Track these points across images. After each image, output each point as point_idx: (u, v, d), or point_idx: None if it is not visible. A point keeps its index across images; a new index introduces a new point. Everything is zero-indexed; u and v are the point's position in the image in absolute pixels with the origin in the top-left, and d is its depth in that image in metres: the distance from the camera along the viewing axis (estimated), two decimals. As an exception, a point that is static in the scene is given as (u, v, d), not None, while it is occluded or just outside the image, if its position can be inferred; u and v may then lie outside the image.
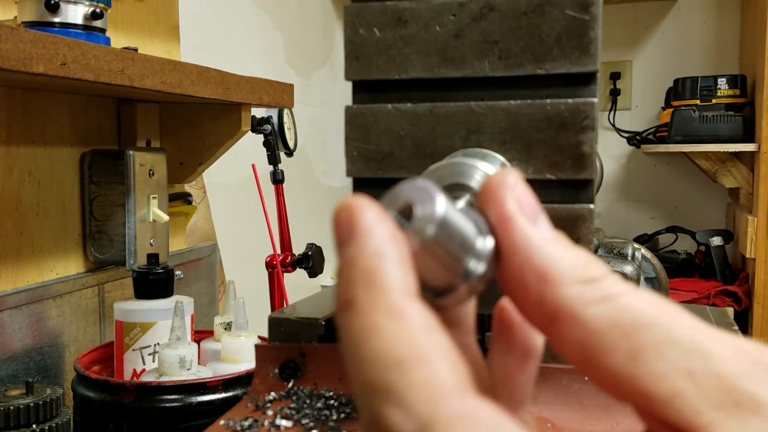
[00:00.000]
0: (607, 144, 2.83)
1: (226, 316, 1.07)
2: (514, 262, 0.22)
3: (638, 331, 0.20)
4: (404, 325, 0.19)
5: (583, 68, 0.64)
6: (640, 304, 0.21)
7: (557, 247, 0.22)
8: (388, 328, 0.19)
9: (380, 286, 0.20)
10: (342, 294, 0.20)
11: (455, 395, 0.18)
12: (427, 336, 0.19)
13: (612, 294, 0.21)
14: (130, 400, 0.86)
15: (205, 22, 1.71)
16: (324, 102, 2.36)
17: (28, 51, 0.75)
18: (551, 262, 0.22)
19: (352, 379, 0.20)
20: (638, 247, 1.14)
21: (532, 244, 0.22)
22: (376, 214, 0.21)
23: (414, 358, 0.19)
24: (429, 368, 0.18)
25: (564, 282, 0.21)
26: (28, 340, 0.99)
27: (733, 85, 2.42)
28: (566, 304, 0.21)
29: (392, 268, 0.20)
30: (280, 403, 0.72)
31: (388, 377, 0.18)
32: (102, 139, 1.18)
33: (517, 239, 0.22)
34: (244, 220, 1.71)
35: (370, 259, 0.20)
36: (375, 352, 0.19)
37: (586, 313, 0.21)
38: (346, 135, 0.71)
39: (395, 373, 0.18)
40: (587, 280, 0.21)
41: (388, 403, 0.18)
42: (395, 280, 0.20)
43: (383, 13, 0.69)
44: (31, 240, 1.04)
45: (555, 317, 0.21)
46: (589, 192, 0.65)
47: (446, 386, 0.18)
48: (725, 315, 0.77)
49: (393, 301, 0.20)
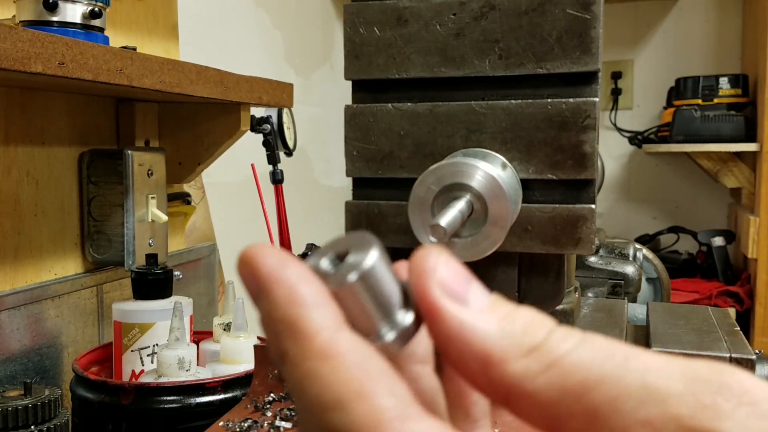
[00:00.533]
0: (609, 144, 2.82)
1: (226, 316, 1.07)
2: (453, 350, 0.22)
3: (589, 391, 0.20)
4: (337, 365, 0.19)
5: (585, 67, 0.64)
6: (586, 360, 0.20)
7: (492, 320, 0.22)
8: (321, 372, 0.19)
9: (304, 333, 0.20)
10: (273, 349, 0.20)
11: (398, 421, 0.18)
12: (362, 370, 0.19)
13: (556, 358, 0.21)
14: (128, 401, 0.85)
15: (204, 21, 1.71)
16: (324, 101, 2.35)
17: (26, 50, 0.75)
18: (489, 341, 0.21)
19: (303, 428, 0.20)
20: (640, 248, 1.13)
21: (465, 327, 0.22)
22: (278, 259, 0.21)
23: (351, 395, 0.19)
24: (368, 401, 0.19)
25: (507, 359, 0.21)
26: (27, 341, 0.99)
27: (734, 84, 2.42)
28: (515, 382, 0.21)
29: (311, 311, 0.20)
30: (280, 405, 0.71)
31: (331, 420, 0.19)
32: (100, 138, 1.18)
33: (450, 327, 0.22)
34: (244, 221, 1.71)
35: (286, 309, 0.20)
36: (315, 398, 0.19)
37: (535, 387, 0.20)
38: (345, 135, 0.70)
39: (337, 414, 0.19)
40: (529, 350, 0.21)
41: None
42: (317, 322, 0.20)
43: (383, 12, 0.68)
44: (30, 240, 1.04)
45: (508, 395, 0.21)
46: (590, 192, 0.65)
47: (388, 415, 0.19)
48: (727, 315, 0.77)
49: (320, 344, 0.20)
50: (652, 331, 0.71)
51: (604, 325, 0.74)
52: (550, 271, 0.65)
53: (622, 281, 1.00)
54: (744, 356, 0.63)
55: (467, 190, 0.60)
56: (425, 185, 0.61)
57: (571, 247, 0.63)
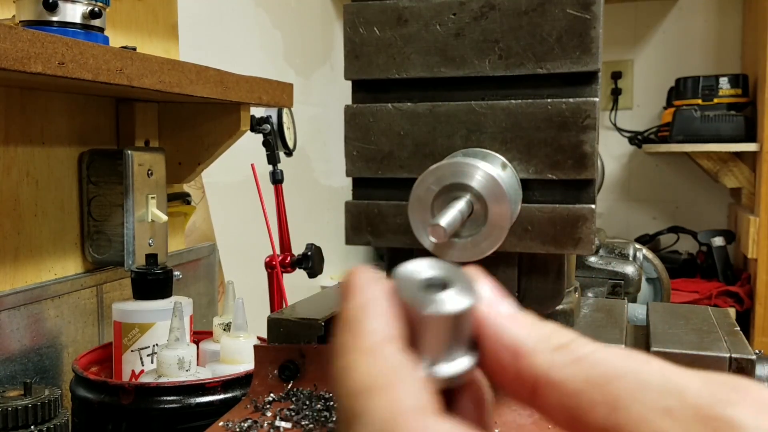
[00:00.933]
0: (609, 144, 2.82)
1: (225, 316, 1.07)
2: (487, 345, 0.25)
3: (611, 382, 0.22)
4: (375, 362, 0.23)
5: (585, 67, 0.64)
6: (609, 358, 0.23)
7: (524, 322, 0.25)
8: (361, 363, 0.23)
9: (359, 331, 0.24)
10: (335, 340, 0.24)
11: (414, 414, 0.21)
12: (395, 371, 0.22)
13: (582, 354, 0.23)
14: (128, 401, 0.85)
15: (203, 21, 1.71)
16: (324, 101, 2.35)
17: (26, 50, 0.74)
18: (521, 336, 0.24)
19: (338, 413, 0.23)
20: (639, 248, 1.13)
21: (500, 324, 0.25)
22: (369, 278, 0.25)
23: (379, 387, 0.22)
24: (393, 394, 0.21)
25: (537, 352, 0.24)
26: (27, 341, 0.99)
27: (734, 84, 2.42)
28: (542, 371, 0.23)
29: (372, 319, 0.24)
30: (280, 405, 0.71)
31: (357, 404, 0.21)
32: (100, 138, 1.18)
33: (487, 325, 0.25)
34: (243, 221, 1.71)
35: (356, 311, 0.24)
36: (350, 384, 0.22)
37: (562, 376, 0.23)
38: (345, 135, 0.70)
39: (363, 399, 0.21)
40: (557, 347, 0.24)
41: (356, 424, 0.21)
42: (373, 327, 0.24)
43: (383, 12, 0.68)
44: (29, 240, 1.04)
45: (535, 387, 0.24)
46: (590, 192, 0.65)
47: (408, 408, 0.21)
48: (727, 315, 0.77)
49: (369, 343, 0.23)
50: (652, 331, 0.71)
51: (604, 325, 0.74)
52: (550, 271, 0.65)
53: (622, 281, 1.00)
54: (744, 356, 0.63)
55: (467, 190, 0.60)
56: (425, 185, 0.61)
57: (571, 247, 0.63)
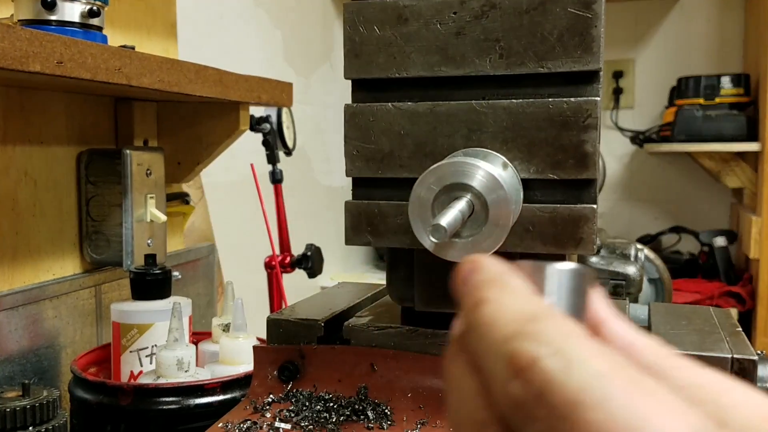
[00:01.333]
0: (610, 143, 2.82)
1: (225, 317, 1.06)
2: None
3: None
4: (533, 300, 0.25)
5: (586, 66, 0.63)
6: None
7: None
8: (517, 301, 0.25)
9: (506, 285, 0.25)
10: (471, 301, 0.25)
11: (582, 336, 0.23)
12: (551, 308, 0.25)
13: None
14: (127, 402, 0.85)
15: (203, 20, 1.71)
16: (324, 101, 2.35)
17: (24, 49, 0.74)
18: None
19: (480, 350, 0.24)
20: (641, 248, 1.13)
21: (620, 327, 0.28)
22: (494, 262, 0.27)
23: (545, 315, 0.24)
24: (558, 320, 0.24)
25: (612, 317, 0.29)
26: (25, 342, 0.99)
27: (736, 83, 2.41)
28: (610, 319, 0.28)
29: (513, 278, 0.26)
30: (279, 405, 0.71)
31: (526, 327, 0.23)
32: (99, 138, 1.17)
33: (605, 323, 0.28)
34: (243, 220, 1.70)
35: (494, 273, 0.26)
36: (511, 314, 0.24)
37: None
38: (345, 134, 0.70)
39: (531, 323, 0.23)
40: None
41: (529, 341, 0.23)
42: (518, 283, 0.26)
43: (383, 11, 0.68)
44: (28, 240, 1.03)
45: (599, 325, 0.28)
46: (591, 192, 0.64)
47: (576, 329, 0.23)
48: (729, 316, 0.76)
49: (520, 291, 0.25)
50: (653, 332, 0.70)
51: (606, 326, 0.73)
52: (551, 271, 0.64)
53: (624, 281, 1.00)
54: (746, 357, 0.63)
55: (468, 189, 0.59)
56: (426, 185, 0.60)
57: (573, 248, 0.63)
